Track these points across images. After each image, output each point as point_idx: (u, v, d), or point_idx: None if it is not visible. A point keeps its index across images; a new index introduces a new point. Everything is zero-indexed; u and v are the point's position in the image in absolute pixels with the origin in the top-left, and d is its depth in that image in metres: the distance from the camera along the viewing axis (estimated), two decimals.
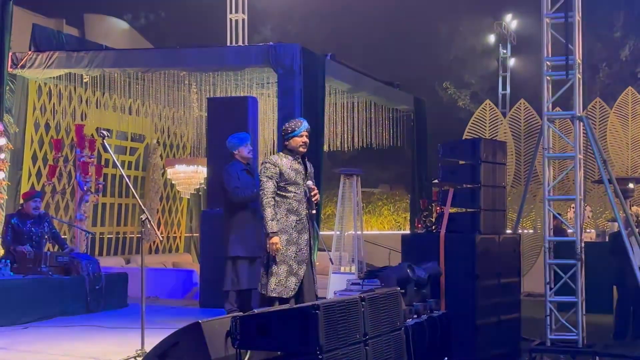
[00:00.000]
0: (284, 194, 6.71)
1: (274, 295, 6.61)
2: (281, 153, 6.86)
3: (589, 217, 12.49)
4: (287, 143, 6.80)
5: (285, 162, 6.74)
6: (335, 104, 12.80)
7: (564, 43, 8.03)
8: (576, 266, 7.75)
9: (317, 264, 7.19)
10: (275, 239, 6.60)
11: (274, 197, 6.67)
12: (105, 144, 6.62)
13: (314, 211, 6.88)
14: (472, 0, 22.64)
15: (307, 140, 6.85)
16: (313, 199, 6.80)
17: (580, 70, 7.98)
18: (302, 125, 6.78)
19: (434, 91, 22.03)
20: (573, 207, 8.91)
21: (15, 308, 8.07)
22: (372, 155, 17.54)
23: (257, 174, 8.23)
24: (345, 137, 13.12)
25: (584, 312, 7.79)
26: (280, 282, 6.64)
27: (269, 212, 6.62)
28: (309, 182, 6.81)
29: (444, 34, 23.74)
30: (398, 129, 13.60)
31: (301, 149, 6.80)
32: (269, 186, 6.66)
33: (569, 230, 9.44)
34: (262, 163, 6.85)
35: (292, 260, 6.67)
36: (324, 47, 12.75)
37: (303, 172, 6.80)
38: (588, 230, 12.33)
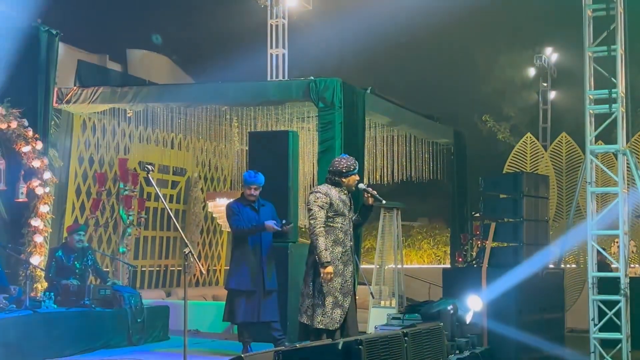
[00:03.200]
0: (331, 224, 6.79)
1: (321, 326, 6.62)
2: (327, 184, 6.93)
3: (633, 252, 12.30)
4: (344, 180, 6.89)
5: (334, 193, 6.85)
6: (375, 137, 12.81)
7: (606, 76, 7.99)
8: (621, 302, 7.64)
9: (357, 297, 7.17)
10: (329, 269, 6.65)
11: (324, 228, 6.73)
12: (150, 177, 6.71)
13: (384, 202, 7.04)
14: (511, 33, 22.61)
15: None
16: (374, 193, 6.88)
17: (624, 104, 7.92)
18: (357, 165, 6.98)
19: (473, 124, 21.93)
20: (617, 242, 8.80)
21: (58, 341, 8.14)
22: (411, 189, 17.45)
23: (261, 210, 8.14)
24: (385, 170, 13.09)
25: (629, 349, 7.66)
26: (326, 314, 6.66)
27: (321, 242, 6.68)
28: (361, 185, 6.94)
29: (482, 66, 23.70)
30: (438, 162, 13.56)
31: (354, 187, 6.96)
32: (321, 216, 6.74)
33: (613, 265, 9.32)
34: (312, 193, 6.92)
35: (337, 292, 6.70)
36: (362, 80, 12.78)
37: (349, 203, 6.92)
38: (632, 265, 12.14)
